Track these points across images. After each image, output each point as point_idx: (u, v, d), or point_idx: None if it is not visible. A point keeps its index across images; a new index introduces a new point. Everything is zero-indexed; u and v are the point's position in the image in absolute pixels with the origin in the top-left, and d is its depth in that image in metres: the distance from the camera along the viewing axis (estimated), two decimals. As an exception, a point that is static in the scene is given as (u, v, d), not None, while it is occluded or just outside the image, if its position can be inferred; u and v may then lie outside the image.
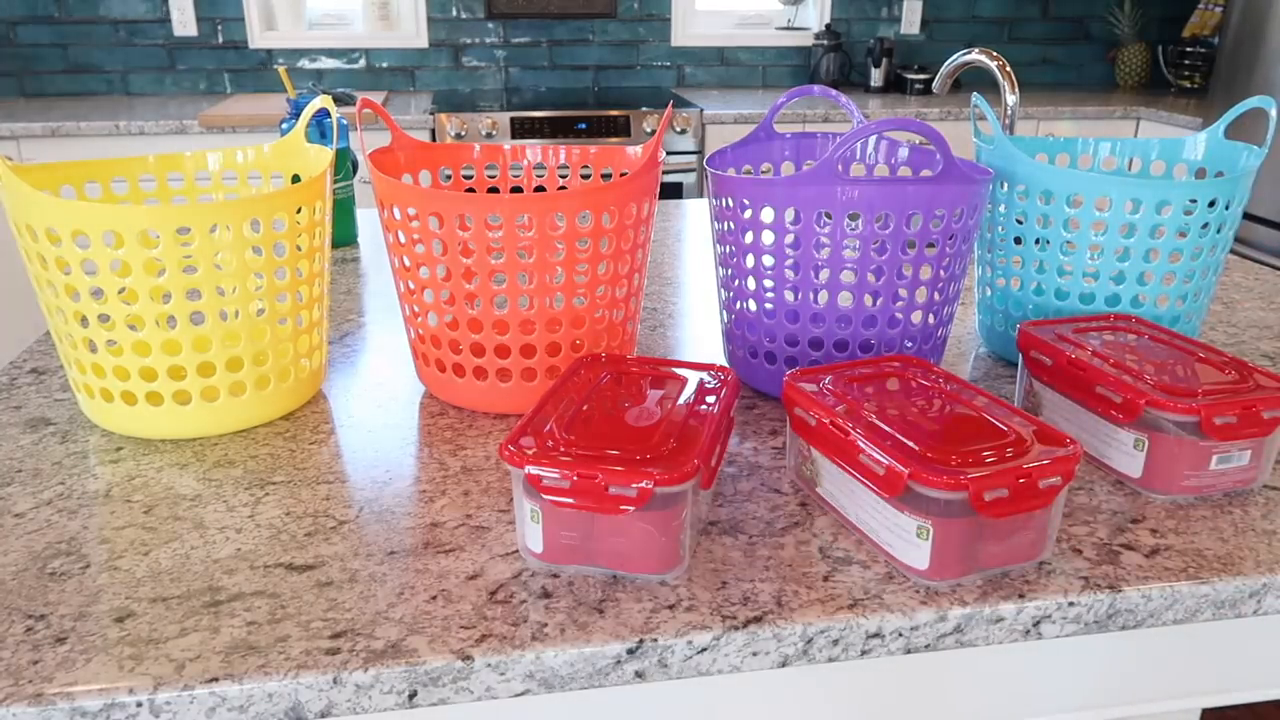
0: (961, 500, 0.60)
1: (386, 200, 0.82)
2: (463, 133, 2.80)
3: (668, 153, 2.89)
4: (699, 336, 1.08)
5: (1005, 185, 0.94)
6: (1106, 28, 3.58)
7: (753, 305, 0.88)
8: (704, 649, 0.59)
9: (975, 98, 1.03)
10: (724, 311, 0.94)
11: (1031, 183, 0.91)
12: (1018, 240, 0.95)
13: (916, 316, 0.87)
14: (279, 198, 0.82)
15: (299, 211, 0.84)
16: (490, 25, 3.31)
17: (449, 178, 0.98)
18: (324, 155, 0.94)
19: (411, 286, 0.86)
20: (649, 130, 2.88)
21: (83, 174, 0.91)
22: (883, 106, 3.16)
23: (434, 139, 2.83)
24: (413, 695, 0.57)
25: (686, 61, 3.45)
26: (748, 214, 0.84)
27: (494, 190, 0.92)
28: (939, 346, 0.91)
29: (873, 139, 1.01)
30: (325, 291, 0.93)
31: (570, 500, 0.61)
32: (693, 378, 0.74)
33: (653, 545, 0.62)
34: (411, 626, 0.59)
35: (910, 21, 3.51)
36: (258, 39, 3.20)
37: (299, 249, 0.84)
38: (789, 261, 0.83)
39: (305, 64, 3.26)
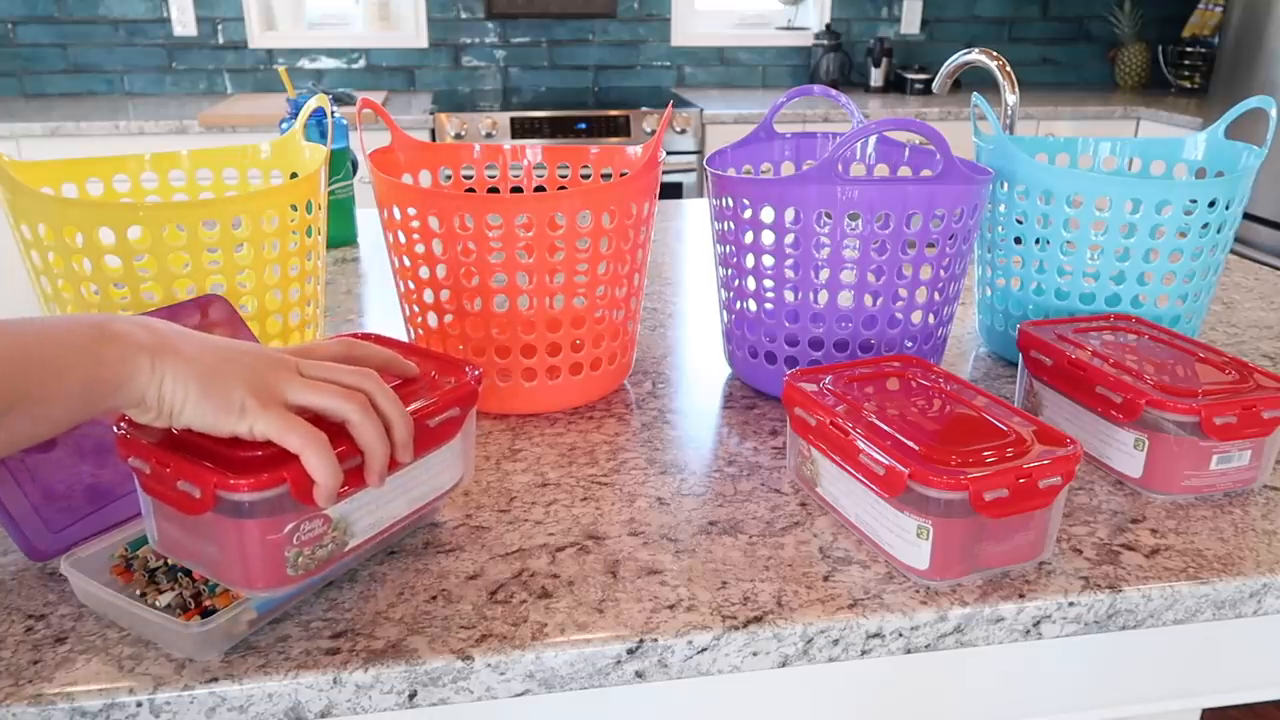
0: (961, 500, 0.60)
1: (386, 200, 0.82)
2: (463, 133, 2.80)
3: (668, 153, 2.89)
4: (699, 336, 1.08)
5: (1005, 185, 0.94)
6: (1106, 28, 3.58)
7: (753, 305, 0.88)
8: (704, 649, 0.59)
9: (975, 98, 1.02)
10: (724, 311, 0.94)
11: (1031, 183, 0.91)
12: (1018, 240, 0.95)
13: (916, 316, 0.87)
14: (272, 194, 0.82)
15: (293, 208, 0.84)
16: (490, 25, 3.31)
17: (449, 178, 0.98)
18: (319, 153, 0.94)
19: (411, 286, 0.86)
20: (649, 130, 2.88)
21: (82, 171, 0.91)
22: (883, 106, 3.15)
23: (434, 139, 2.83)
24: (413, 695, 0.57)
25: (686, 61, 3.45)
26: (748, 214, 0.84)
27: (494, 190, 0.92)
28: (939, 346, 0.91)
29: (872, 139, 1.01)
30: (320, 289, 0.93)
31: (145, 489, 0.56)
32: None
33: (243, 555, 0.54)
34: (411, 626, 0.59)
35: (910, 21, 3.51)
36: (257, 39, 3.20)
37: (291, 247, 0.84)
38: (789, 261, 0.83)
39: (305, 64, 3.26)
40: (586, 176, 0.96)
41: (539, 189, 1.00)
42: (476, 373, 0.65)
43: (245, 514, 0.53)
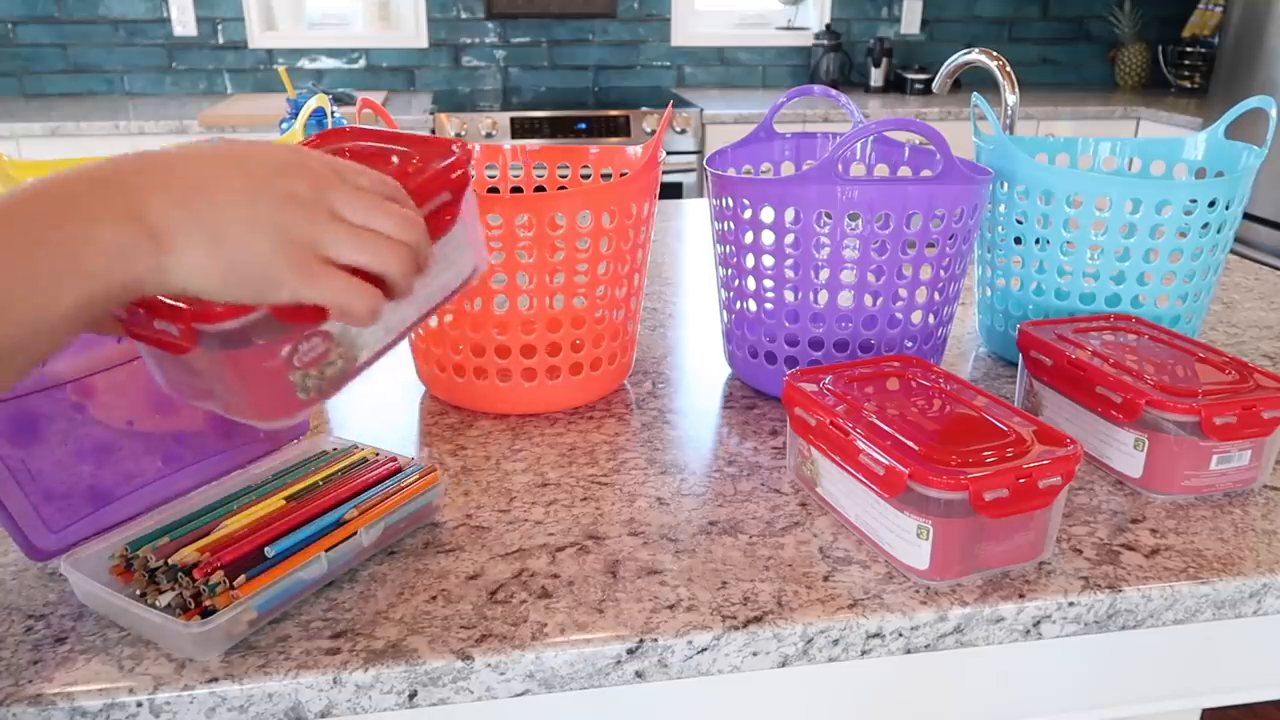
0: (961, 500, 0.60)
1: (386, 200, 0.82)
2: (463, 133, 2.80)
3: (668, 153, 2.89)
4: (699, 336, 1.08)
5: (1005, 185, 0.94)
6: (1106, 28, 3.58)
7: (753, 305, 0.88)
8: (704, 649, 0.59)
9: (975, 98, 1.02)
10: (724, 311, 0.94)
11: (1031, 183, 0.91)
12: (1018, 240, 0.95)
13: (916, 316, 0.87)
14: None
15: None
16: (490, 25, 3.31)
17: (449, 178, 0.98)
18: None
19: (411, 286, 0.86)
20: (649, 130, 2.88)
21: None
22: (883, 106, 3.15)
23: (434, 139, 2.82)
24: (413, 695, 0.57)
25: (686, 61, 3.45)
26: (748, 214, 0.84)
27: (494, 190, 0.92)
28: (939, 346, 0.91)
29: (871, 139, 1.01)
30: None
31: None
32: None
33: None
34: (411, 626, 0.59)
35: (910, 21, 3.51)
36: (258, 39, 3.20)
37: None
38: (789, 261, 0.83)
39: (305, 64, 3.26)
40: (586, 176, 0.96)
41: (539, 189, 1.00)
42: (464, 145, 0.58)
43: (234, 344, 0.48)
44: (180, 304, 0.46)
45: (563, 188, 0.89)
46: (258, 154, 0.46)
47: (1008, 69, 1.40)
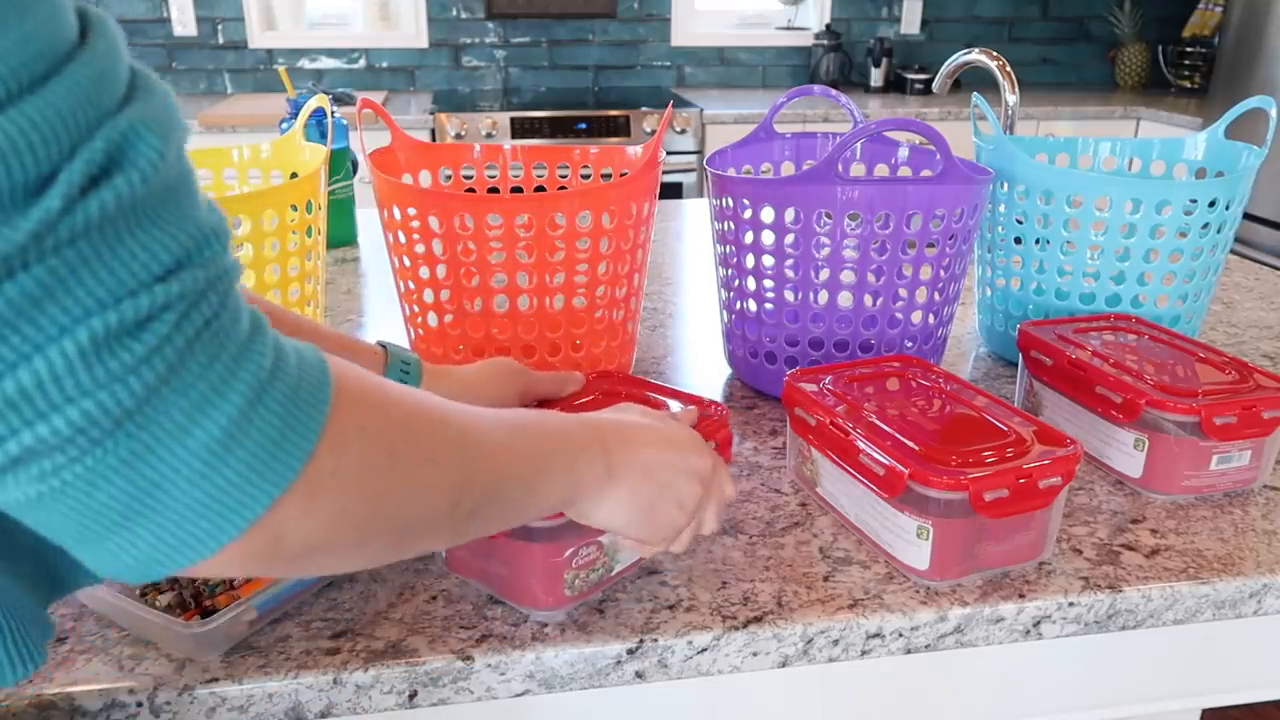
0: (962, 500, 0.60)
1: (386, 200, 0.82)
2: (463, 133, 2.80)
3: (668, 153, 2.89)
4: (699, 336, 1.08)
5: (1005, 185, 0.94)
6: (1106, 28, 3.58)
7: (753, 305, 0.88)
8: (704, 649, 0.59)
9: (975, 98, 1.02)
10: (724, 311, 0.94)
11: (1031, 183, 0.91)
12: (1018, 240, 0.95)
13: (916, 316, 0.87)
14: (272, 194, 0.82)
15: (293, 209, 0.84)
16: (490, 25, 3.31)
17: (449, 178, 0.98)
18: (319, 153, 0.94)
19: (411, 286, 0.86)
20: (649, 130, 2.88)
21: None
22: (883, 106, 3.15)
23: (434, 139, 2.83)
24: (413, 695, 0.57)
25: (686, 61, 3.45)
26: (748, 214, 0.84)
27: (494, 190, 0.92)
28: (939, 346, 0.91)
29: (870, 139, 1.01)
30: (320, 290, 0.93)
31: None
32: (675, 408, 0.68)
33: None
34: (411, 626, 0.59)
35: (910, 21, 3.51)
36: (258, 39, 3.20)
37: (291, 247, 0.84)
38: (789, 261, 0.83)
39: (305, 64, 3.26)
40: (586, 177, 0.96)
41: (539, 189, 1.00)
42: (722, 408, 0.67)
43: (533, 538, 0.57)
44: None
45: (563, 188, 0.88)
46: (671, 430, 0.57)
47: (1008, 69, 1.40)
